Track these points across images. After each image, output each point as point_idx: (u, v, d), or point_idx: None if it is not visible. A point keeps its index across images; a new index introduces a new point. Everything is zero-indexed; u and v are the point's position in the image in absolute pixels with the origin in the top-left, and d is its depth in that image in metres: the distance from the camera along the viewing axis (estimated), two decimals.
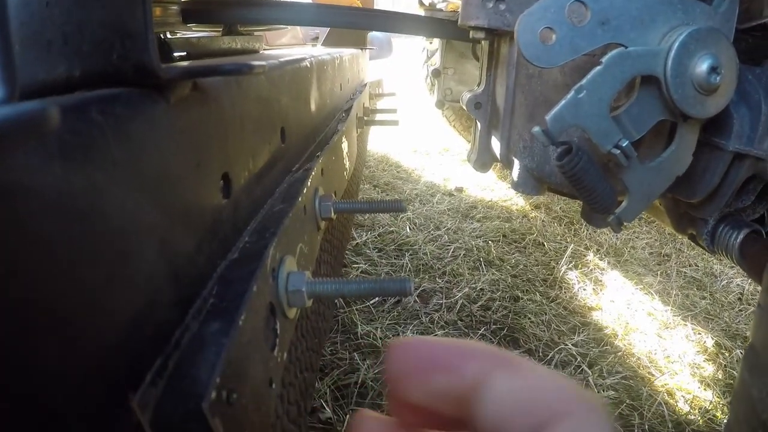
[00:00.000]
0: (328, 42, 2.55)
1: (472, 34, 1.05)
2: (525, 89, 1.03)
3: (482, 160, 1.29)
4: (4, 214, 0.26)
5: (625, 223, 0.88)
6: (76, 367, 0.31)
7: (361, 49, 2.46)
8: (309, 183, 0.78)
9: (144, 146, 0.41)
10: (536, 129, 0.77)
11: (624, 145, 0.79)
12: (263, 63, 0.51)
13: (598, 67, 0.77)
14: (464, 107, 1.26)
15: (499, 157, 1.17)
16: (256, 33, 1.78)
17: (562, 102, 0.76)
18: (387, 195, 3.09)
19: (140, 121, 0.41)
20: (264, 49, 1.90)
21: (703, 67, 0.78)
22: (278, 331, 0.55)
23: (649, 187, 0.86)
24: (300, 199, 0.72)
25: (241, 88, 0.67)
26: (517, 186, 1.08)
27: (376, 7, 3.30)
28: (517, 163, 1.07)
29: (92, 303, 0.33)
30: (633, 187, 0.85)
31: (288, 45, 2.88)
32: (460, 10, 1.04)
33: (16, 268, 0.26)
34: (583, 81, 0.76)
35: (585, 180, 0.81)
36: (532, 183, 1.06)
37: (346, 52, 1.90)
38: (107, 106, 0.38)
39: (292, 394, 0.68)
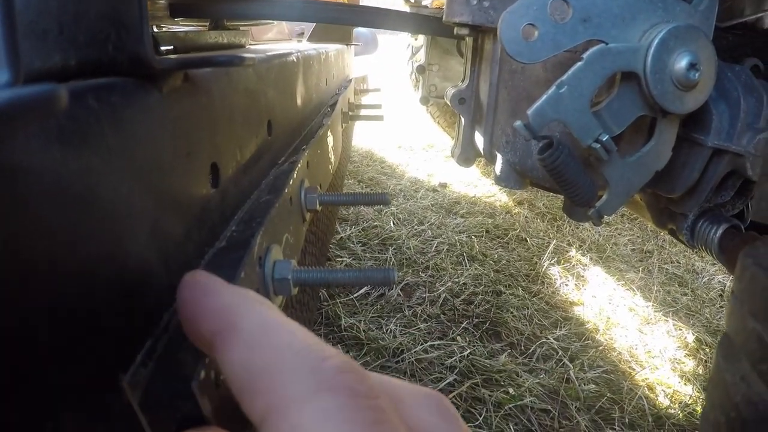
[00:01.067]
0: (314, 38, 2.56)
1: (456, 30, 1.06)
2: (508, 85, 1.05)
3: (466, 155, 1.31)
4: (6, 194, 0.27)
5: (605, 217, 0.89)
6: (69, 346, 0.32)
7: (347, 45, 2.47)
8: (295, 175, 0.79)
9: (137, 134, 0.42)
10: (518, 123, 0.79)
11: (604, 139, 0.81)
12: (253, 56, 0.53)
13: (579, 63, 0.78)
14: (448, 103, 1.28)
15: (482, 152, 1.19)
16: (242, 28, 1.79)
17: (544, 97, 0.78)
18: (372, 190, 3.10)
19: (134, 109, 0.43)
20: (250, 44, 1.91)
21: (682, 63, 0.80)
22: None
23: (628, 181, 0.88)
24: (286, 190, 0.73)
25: (230, 81, 0.68)
26: (499, 180, 1.09)
27: (361, 3, 3.31)
28: (500, 158, 1.09)
29: (86, 284, 0.34)
30: (613, 181, 0.87)
31: (274, 40, 2.88)
32: (444, 6, 1.05)
33: (16, 248, 0.27)
34: (564, 77, 0.78)
35: (566, 173, 0.83)
36: (514, 177, 1.07)
37: (332, 48, 1.91)
38: (103, 94, 0.39)
39: None
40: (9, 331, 0.27)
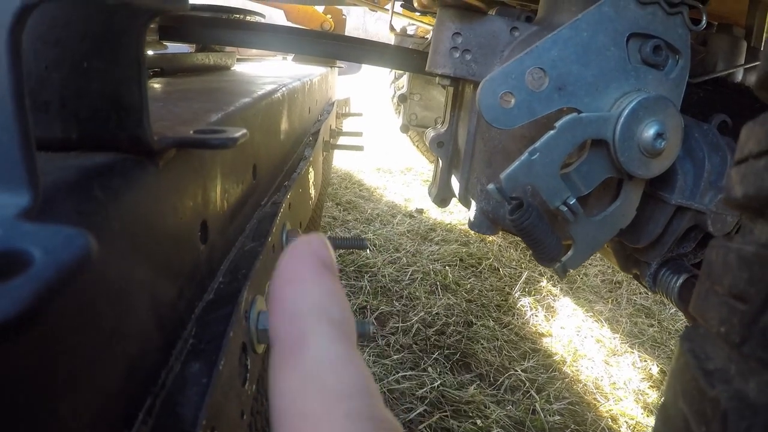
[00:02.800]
0: (299, 57, 2.58)
1: (438, 80, 1.11)
2: (485, 136, 1.09)
3: (442, 195, 1.35)
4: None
5: (569, 270, 0.94)
6: (85, 408, 0.35)
7: (331, 66, 2.49)
8: (277, 220, 0.82)
9: (137, 212, 0.45)
10: (491, 187, 0.83)
11: (571, 202, 0.85)
12: (244, 131, 0.56)
13: (552, 132, 0.82)
14: (427, 144, 1.32)
15: (457, 196, 1.23)
16: (227, 49, 1.82)
17: (516, 163, 0.82)
18: (349, 214, 3.12)
19: (134, 188, 0.45)
20: (236, 63, 1.94)
21: (649, 132, 0.84)
22: (249, 367, 0.59)
23: (593, 238, 0.92)
24: (269, 238, 0.76)
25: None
26: (473, 226, 1.13)
27: (350, 24, 3.34)
28: (474, 205, 1.13)
29: (99, 356, 0.37)
30: (579, 238, 0.91)
31: (258, 56, 2.89)
32: (428, 57, 1.09)
33: (57, 334, 0.31)
34: (537, 144, 0.82)
35: (534, 234, 0.87)
36: (487, 224, 1.11)
37: (316, 74, 1.94)
38: (105, 180, 0.42)
39: (259, 421, 0.73)
40: (39, 400, 0.30)
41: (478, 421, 1.58)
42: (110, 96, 0.47)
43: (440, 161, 1.31)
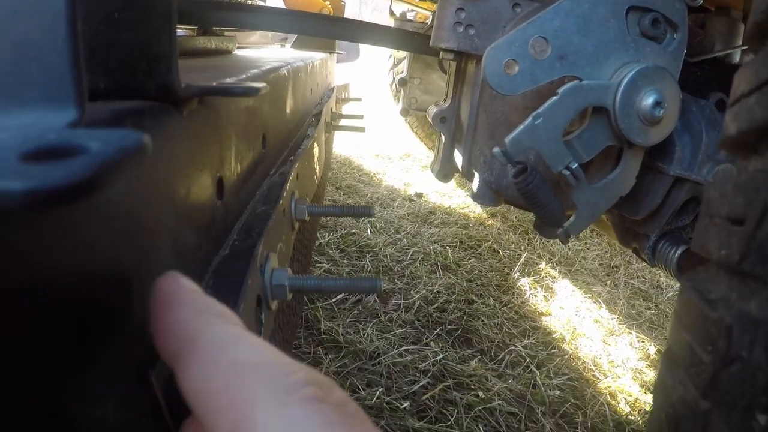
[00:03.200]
0: (298, 44, 2.59)
1: (442, 54, 1.13)
2: (487, 108, 1.11)
3: (444, 171, 1.37)
4: (84, 224, 0.33)
5: (572, 235, 0.96)
6: (116, 344, 0.37)
7: (330, 53, 2.51)
8: (287, 187, 0.85)
9: (163, 155, 0.48)
10: (496, 149, 0.86)
11: (574, 167, 0.87)
12: (265, 85, 0.58)
13: (554, 98, 0.85)
14: (430, 120, 1.34)
15: (460, 169, 1.25)
16: (227, 33, 1.84)
17: (521, 127, 0.85)
18: (349, 197, 3.15)
19: (161, 132, 0.48)
20: (237, 48, 1.96)
21: (648, 101, 0.87)
22: (263, 321, 0.62)
23: (595, 204, 0.94)
24: (280, 202, 0.78)
25: (234, 100, 0.73)
26: (476, 197, 1.16)
27: (346, 15, 3.36)
28: (477, 177, 1.15)
29: (128, 292, 0.39)
30: (580, 204, 0.93)
31: (257, 44, 2.91)
32: (432, 32, 1.11)
33: (86, 267, 0.33)
34: (540, 109, 0.85)
35: (537, 196, 0.90)
36: (490, 195, 1.14)
37: (317, 58, 1.96)
38: (137, 120, 0.45)
39: None
40: (77, 335, 0.32)
41: (480, 393, 1.60)
42: (140, 46, 0.49)
43: (443, 137, 1.33)
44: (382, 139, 4.84)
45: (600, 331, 2.14)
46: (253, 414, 0.26)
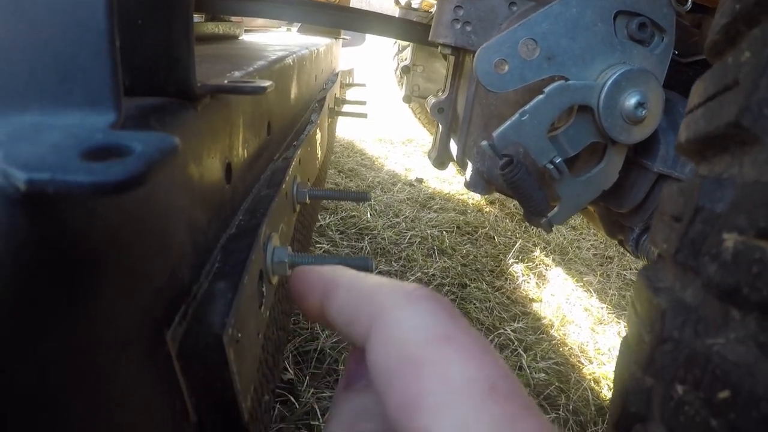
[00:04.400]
0: (304, 29, 2.62)
1: (440, 49, 1.19)
2: (482, 102, 1.17)
3: (441, 158, 1.43)
4: (121, 211, 0.39)
5: (555, 225, 1.02)
6: (136, 306, 0.42)
7: (335, 38, 2.54)
8: (290, 171, 0.91)
9: (180, 146, 0.54)
10: (484, 143, 0.92)
11: (557, 161, 0.93)
12: (271, 83, 0.65)
13: (541, 96, 0.91)
14: (428, 111, 1.40)
15: (455, 158, 1.31)
16: (235, 19, 1.89)
17: (508, 123, 0.91)
18: (351, 181, 3.19)
19: (179, 126, 0.54)
20: (244, 33, 2.01)
21: (631, 102, 0.92)
22: (264, 293, 0.68)
23: (578, 197, 1.00)
24: (283, 186, 0.85)
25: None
26: (469, 185, 1.22)
27: (352, 5, 3.38)
28: (470, 166, 1.21)
29: (150, 262, 0.45)
30: (564, 196, 0.99)
31: (263, 27, 2.94)
32: (431, 27, 1.17)
33: (119, 240, 0.39)
34: (527, 106, 0.90)
35: (522, 188, 0.96)
36: (482, 184, 1.20)
37: (322, 44, 2.00)
38: (160, 115, 0.51)
39: (270, 347, 0.81)
40: (98, 298, 0.39)
41: None
42: (162, 49, 0.55)
43: (440, 126, 1.39)
44: (385, 124, 4.87)
45: (589, 319, 2.19)
46: (386, 307, 0.33)
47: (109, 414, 0.37)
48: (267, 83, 0.64)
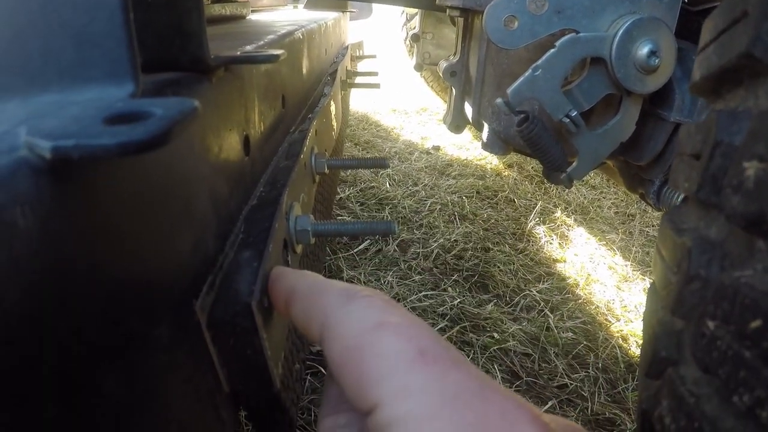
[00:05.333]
0: (310, 4, 2.61)
1: (448, 11, 1.18)
2: (494, 62, 1.17)
3: (456, 122, 1.43)
4: (144, 173, 0.40)
5: (575, 180, 1.02)
6: (164, 278, 0.43)
7: (342, 11, 2.53)
8: (307, 143, 0.91)
9: (197, 118, 0.55)
10: (499, 100, 0.92)
11: (573, 115, 0.93)
12: (283, 51, 0.65)
13: (552, 50, 0.90)
14: (441, 75, 1.39)
15: (470, 120, 1.31)
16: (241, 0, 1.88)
17: (521, 78, 0.90)
18: (368, 153, 3.19)
19: (195, 98, 0.55)
20: (250, 13, 2.00)
21: (643, 51, 0.92)
22: (289, 262, 0.69)
23: (596, 150, 1.00)
24: (301, 156, 0.85)
25: (255, 66, 0.80)
26: (485, 146, 1.22)
27: None
28: (486, 127, 1.21)
29: (174, 231, 0.46)
30: (582, 149, 0.99)
31: (269, 6, 2.92)
32: None
33: (144, 209, 0.40)
34: (539, 61, 0.90)
35: (539, 143, 0.96)
36: (498, 144, 1.20)
37: (330, 18, 2.00)
38: (175, 89, 0.52)
39: None
40: (129, 270, 0.40)
41: (495, 335, 1.68)
42: (173, 25, 0.55)
43: (453, 90, 1.39)
44: (398, 94, 4.85)
45: (614, 277, 2.18)
46: (330, 314, 0.40)
47: (143, 390, 0.38)
48: (279, 51, 0.64)
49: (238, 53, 0.64)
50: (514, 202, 2.70)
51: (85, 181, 0.32)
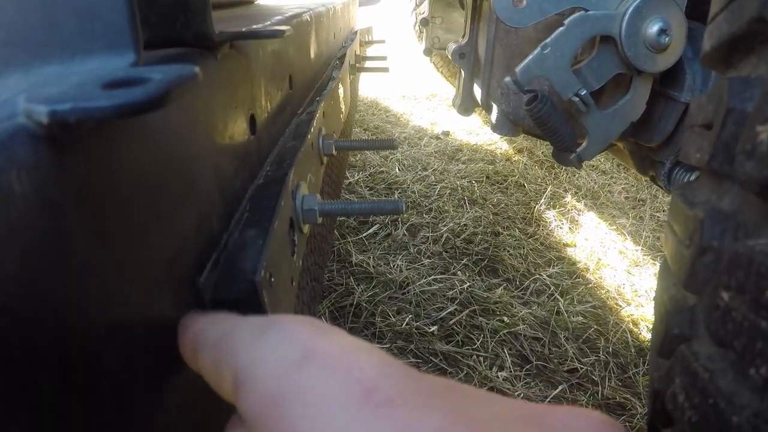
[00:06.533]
0: None
1: None
2: (503, 42, 1.16)
3: (465, 104, 1.42)
4: (145, 146, 0.40)
5: (584, 160, 1.01)
6: (168, 254, 0.43)
7: None
8: (315, 123, 0.91)
9: (202, 94, 0.54)
10: (507, 79, 0.91)
11: (583, 93, 0.92)
12: (289, 27, 0.64)
13: (561, 28, 0.89)
14: (450, 57, 1.38)
15: (480, 102, 1.30)
16: None
17: (530, 57, 0.90)
18: (377, 138, 3.19)
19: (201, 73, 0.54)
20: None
21: (653, 29, 0.91)
22: (296, 242, 0.69)
23: (606, 130, 0.99)
24: (309, 136, 0.85)
25: (262, 44, 0.79)
26: (495, 128, 1.21)
27: None
28: (495, 108, 1.20)
29: (178, 209, 0.46)
30: (592, 129, 0.98)
31: None
32: None
33: (144, 180, 0.40)
34: (548, 39, 0.89)
35: (549, 123, 0.95)
36: (508, 125, 1.19)
37: (338, 2, 1.99)
38: (179, 62, 0.51)
39: (304, 296, 0.83)
40: (132, 245, 0.39)
41: (505, 319, 1.67)
42: (178, 2, 0.55)
43: (462, 72, 1.38)
44: (407, 80, 4.83)
45: (624, 262, 2.17)
46: (239, 351, 0.33)
47: (144, 368, 0.38)
48: (284, 27, 0.63)
49: (244, 29, 0.63)
50: (524, 186, 2.69)
51: (85, 150, 0.32)
